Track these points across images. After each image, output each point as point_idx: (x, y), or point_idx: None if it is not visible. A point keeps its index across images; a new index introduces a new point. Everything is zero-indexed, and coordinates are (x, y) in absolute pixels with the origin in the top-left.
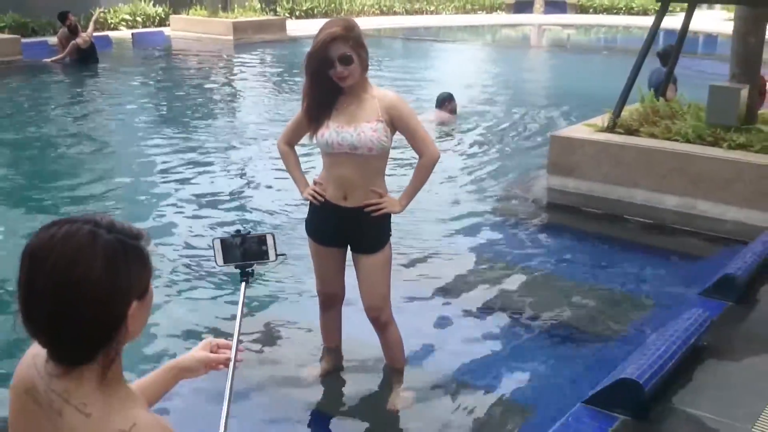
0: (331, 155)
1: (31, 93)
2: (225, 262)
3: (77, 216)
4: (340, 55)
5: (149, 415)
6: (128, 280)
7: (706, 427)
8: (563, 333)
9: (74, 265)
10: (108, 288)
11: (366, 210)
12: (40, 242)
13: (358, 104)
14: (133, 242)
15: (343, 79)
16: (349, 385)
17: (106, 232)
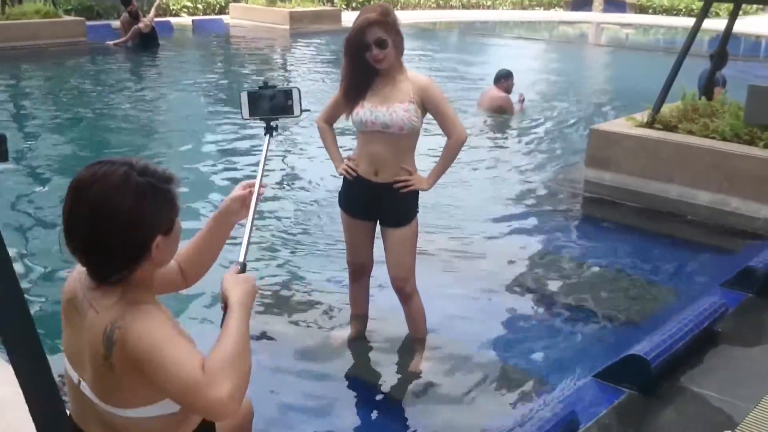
0: (364, 133)
1: (94, 73)
2: (251, 115)
3: (117, 158)
4: (376, 39)
5: (145, 322)
6: (154, 216)
7: (710, 405)
8: (585, 315)
9: (107, 200)
10: (134, 222)
11: (395, 186)
12: (83, 178)
13: (393, 86)
14: (162, 185)
15: (378, 62)
16: (374, 351)
17: (138, 174)
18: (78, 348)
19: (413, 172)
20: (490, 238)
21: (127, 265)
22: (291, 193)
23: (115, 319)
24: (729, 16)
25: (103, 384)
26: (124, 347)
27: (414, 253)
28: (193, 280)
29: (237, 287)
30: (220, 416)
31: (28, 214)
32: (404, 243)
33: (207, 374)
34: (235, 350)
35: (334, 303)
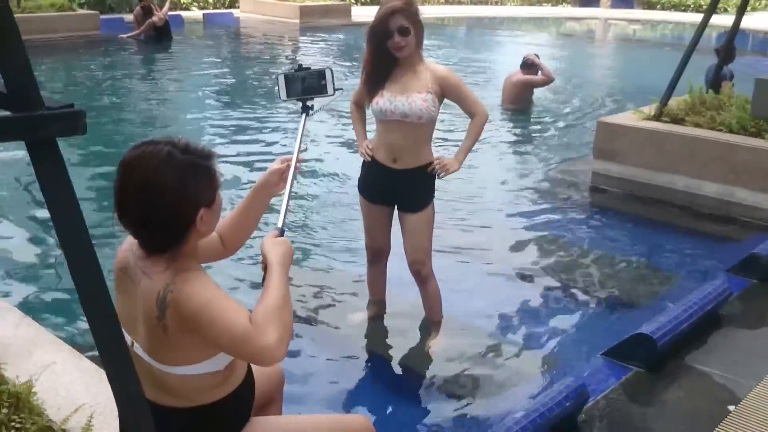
0: (383, 122)
1: (108, 66)
2: (288, 96)
3: (161, 138)
4: (399, 26)
5: (195, 284)
6: (196, 191)
7: (713, 381)
8: (593, 299)
9: (154, 178)
10: (180, 197)
11: (429, 170)
12: (130, 157)
13: (412, 76)
14: (203, 161)
15: (400, 50)
16: (391, 330)
17: (180, 152)
18: (131, 313)
19: (445, 162)
20: (500, 227)
21: (175, 236)
22: (312, 179)
23: (167, 284)
24: (737, 11)
25: (157, 344)
26: (177, 308)
27: (431, 237)
28: (233, 250)
29: (275, 249)
30: (270, 362)
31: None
32: (421, 227)
33: (255, 325)
34: (278, 303)
35: (352, 287)
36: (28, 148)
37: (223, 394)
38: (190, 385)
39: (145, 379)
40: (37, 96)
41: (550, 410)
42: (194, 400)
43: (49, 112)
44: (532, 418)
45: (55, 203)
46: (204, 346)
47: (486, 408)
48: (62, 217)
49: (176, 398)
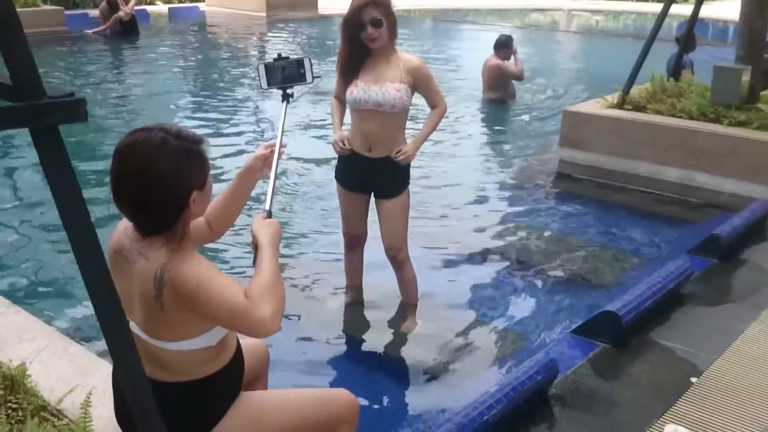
0: (358, 111)
1: (74, 62)
2: (269, 85)
3: (154, 125)
4: (372, 18)
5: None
6: (189, 175)
7: (675, 355)
8: (562, 281)
9: (148, 162)
10: (174, 180)
11: (394, 158)
12: (126, 143)
13: (385, 66)
14: (194, 146)
15: (373, 41)
16: (368, 314)
17: (173, 138)
18: (127, 293)
19: (407, 148)
20: (472, 213)
21: (169, 218)
22: (291, 168)
23: (164, 264)
24: (695, 1)
25: (153, 322)
26: (174, 286)
27: (406, 223)
28: (220, 234)
29: (265, 230)
30: (266, 333)
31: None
32: (397, 213)
33: (251, 300)
34: (271, 279)
35: (330, 273)
36: (32, 135)
37: (215, 369)
38: (185, 360)
39: (142, 356)
40: (40, 86)
41: (522, 384)
42: (188, 374)
43: (51, 100)
44: (505, 392)
45: (58, 187)
46: (198, 323)
47: (461, 385)
48: (65, 201)
49: (171, 373)
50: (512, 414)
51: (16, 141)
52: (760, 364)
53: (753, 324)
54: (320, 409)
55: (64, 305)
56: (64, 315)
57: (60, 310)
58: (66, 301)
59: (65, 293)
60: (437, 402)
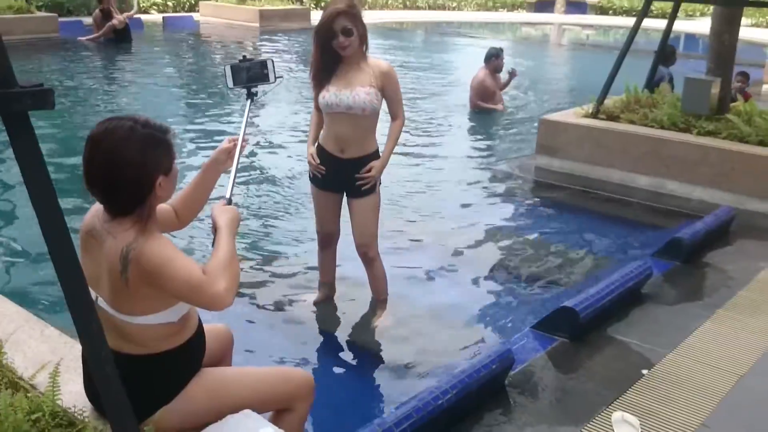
0: (330, 114)
1: (67, 68)
2: (234, 84)
3: (124, 115)
4: (343, 27)
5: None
6: (155, 160)
7: (630, 349)
8: (532, 282)
9: (118, 148)
10: (140, 165)
11: (357, 184)
12: (97, 131)
13: (356, 71)
14: (160, 135)
15: (344, 48)
16: (340, 310)
17: (141, 127)
18: (95, 270)
19: (372, 169)
20: (447, 217)
21: (137, 200)
22: (265, 168)
23: (130, 243)
24: (669, 17)
25: (119, 297)
26: (139, 263)
27: (376, 222)
28: (186, 222)
29: (224, 215)
30: (221, 306)
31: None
32: (368, 212)
33: (208, 275)
34: (227, 258)
35: (303, 270)
36: (4, 121)
37: (177, 343)
38: (148, 334)
39: (109, 330)
40: (11, 76)
41: (477, 371)
42: (151, 347)
43: (22, 89)
44: (460, 378)
45: (27, 169)
46: (160, 298)
47: (424, 375)
48: (34, 181)
49: (136, 346)
50: (467, 399)
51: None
52: (709, 359)
53: (707, 322)
54: (278, 385)
55: (40, 291)
56: (40, 300)
57: (36, 295)
58: (42, 287)
59: (42, 279)
60: (398, 390)
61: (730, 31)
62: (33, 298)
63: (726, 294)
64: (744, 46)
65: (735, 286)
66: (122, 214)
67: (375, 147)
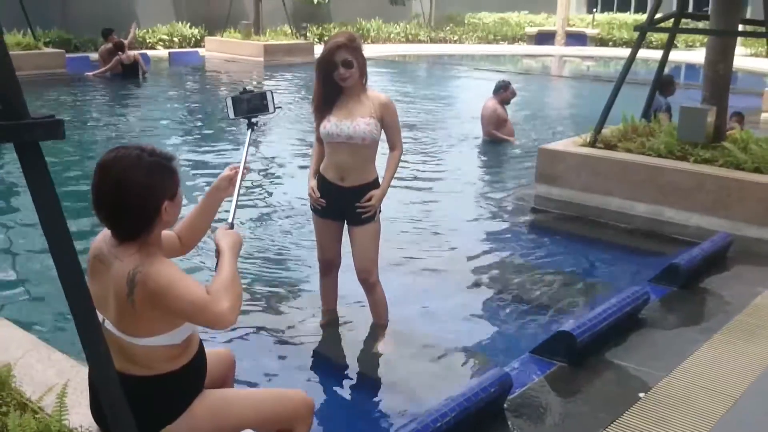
0: (331, 144)
1: (74, 102)
2: (236, 115)
3: (131, 144)
4: (343, 60)
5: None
6: (161, 186)
7: (628, 373)
8: (528, 306)
9: (126, 175)
10: (147, 191)
11: (358, 212)
12: (106, 159)
13: (356, 102)
14: (166, 162)
15: (344, 80)
16: (340, 335)
17: (147, 155)
18: (103, 293)
19: (372, 198)
20: (450, 244)
21: (144, 225)
22: (267, 196)
23: (136, 266)
24: (665, 46)
25: (125, 319)
26: (145, 286)
27: (377, 248)
28: (190, 247)
29: (226, 238)
30: (225, 324)
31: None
32: (368, 239)
33: (212, 295)
34: (230, 278)
35: (304, 295)
36: (16, 150)
37: (180, 364)
38: (153, 356)
39: (115, 353)
40: (24, 108)
41: (476, 395)
42: (156, 369)
43: (33, 120)
44: (459, 401)
45: (38, 195)
46: (165, 320)
47: (423, 399)
48: (44, 207)
49: (141, 368)
50: (467, 423)
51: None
52: (706, 382)
53: (704, 346)
54: (278, 406)
55: (48, 317)
56: (48, 326)
57: (44, 322)
58: (50, 313)
59: (48, 305)
60: (398, 413)
61: (725, 60)
62: (40, 324)
63: (723, 319)
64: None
65: (732, 311)
66: (129, 238)
67: (374, 175)
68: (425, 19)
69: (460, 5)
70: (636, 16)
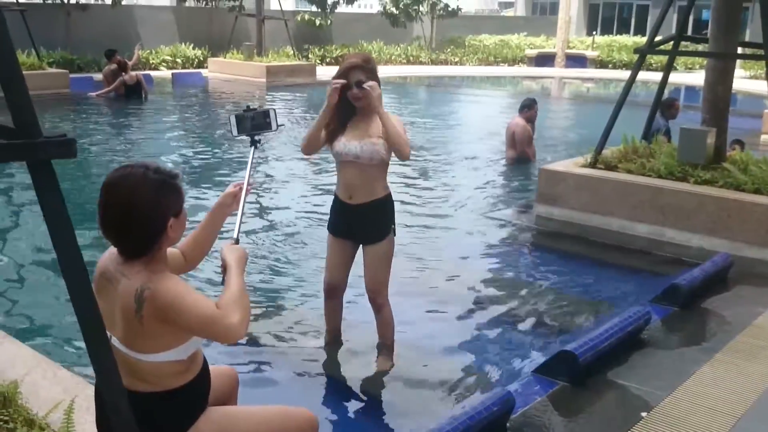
0: (340, 162)
1: (79, 121)
2: (239, 132)
3: (136, 162)
4: (358, 80)
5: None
6: (166, 204)
7: (630, 393)
8: (530, 326)
9: (132, 194)
10: (153, 209)
11: (368, 229)
12: (112, 178)
13: (366, 123)
14: (170, 180)
15: (357, 100)
16: (345, 354)
17: (152, 173)
18: (110, 311)
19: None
20: (449, 263)
21: (149, 242)
22: (270, 217)
23: (144, 283)
24: (664, 68)
25: (132, 335)
26: (154, 302)
27: (388, 269)
28: (194, 264)
29: (232, 254)
30: (235, 337)
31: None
32: (379, 259)
33: (221, 309)
34: (238, 293)
35: (308, 313)
36: (29, 168)
37: (186, 380)
38: (160, 372)
39: (121, 369)
40: (37, 127)
41: (478, 413)
42: (162, 385)
43: (46, 139)
44: (462, 420)
45: (50, 213)
46: (173, 336)
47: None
48: (55, 223)
49: (147, 384)
50: None
51: (17, 179)
52: (707, 402)
53: (705, 366)
54: (282, 423)
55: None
56: (54, 343)
57: (50, 341)
58: (56, 331)
59: (55, 323)
60: None
61: (724, 82)
62: (46, 342)
63: (724, 339)
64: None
65: (733, 331)
66: (135, 256)
67: (383, 193)
68: (426, 42)
69: (460, 29)
70: (635, 39)
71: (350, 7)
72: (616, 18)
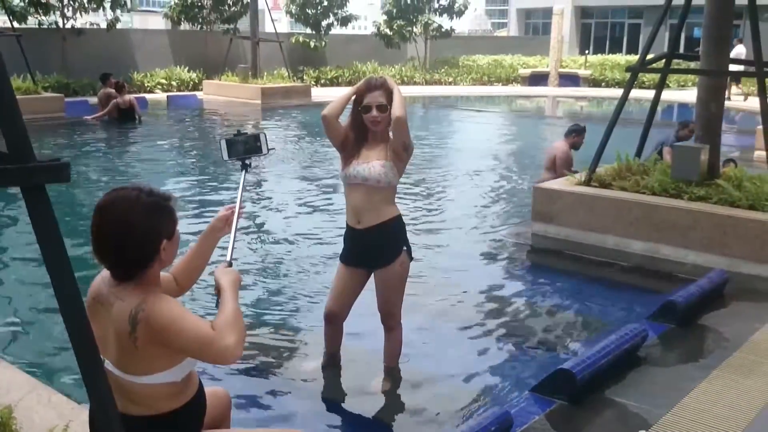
0: (348, 185)
1: (73, 144)
2: (229, 156)
3: (129, 185)
4: (378, 103)
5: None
6: (160, 226)
7: (628, 411)
8: (528, 344)
9: (125, 216)
10: (146, 231)
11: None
12: (105, 201)
13: (376, 147)
14: (164, 202)
15: (375, 123)
16: (342, 375)
17: (146, 195)
18: (103, 334)
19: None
20: (448, 283)
21: (143, 264)
22: (263, 238)
23: (138, 304)
24: (656, 86)
25: (126, 358)
26: (148, 323)
27: (401, 292)
28: (186, 288)
29: (226, 276)
30: (230, 359)
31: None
32: (391, 282)
33: (217, 330)
34: (233, 314)
35: (305, 336)
36: (23, 192)
37: (181, 403)
38: (154, 394)
39: (115, 392)
40: (30, 151)
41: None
42: (156, 407)
43: (39, 164)
44: None
45: (43, 237)
46: (167, 357)
47: None
48: (49, 247)
49: (140, 407)
50: None
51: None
52: (705, 419)
53: (703, 383)
54: None
55: (48, 360)
56: (47, 369)
57: (44, 364)
58: (50, 356)
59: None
60: None
61: (716, 99)
62: (41, 367)
63: (721, 355)
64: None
65: (730, 348)
66: (128, 278)
67: (392, 215)
68: (420, 62)
69: (454, 49)
70: (628, 57)
71: (344, 28)
72: (608, 37)
